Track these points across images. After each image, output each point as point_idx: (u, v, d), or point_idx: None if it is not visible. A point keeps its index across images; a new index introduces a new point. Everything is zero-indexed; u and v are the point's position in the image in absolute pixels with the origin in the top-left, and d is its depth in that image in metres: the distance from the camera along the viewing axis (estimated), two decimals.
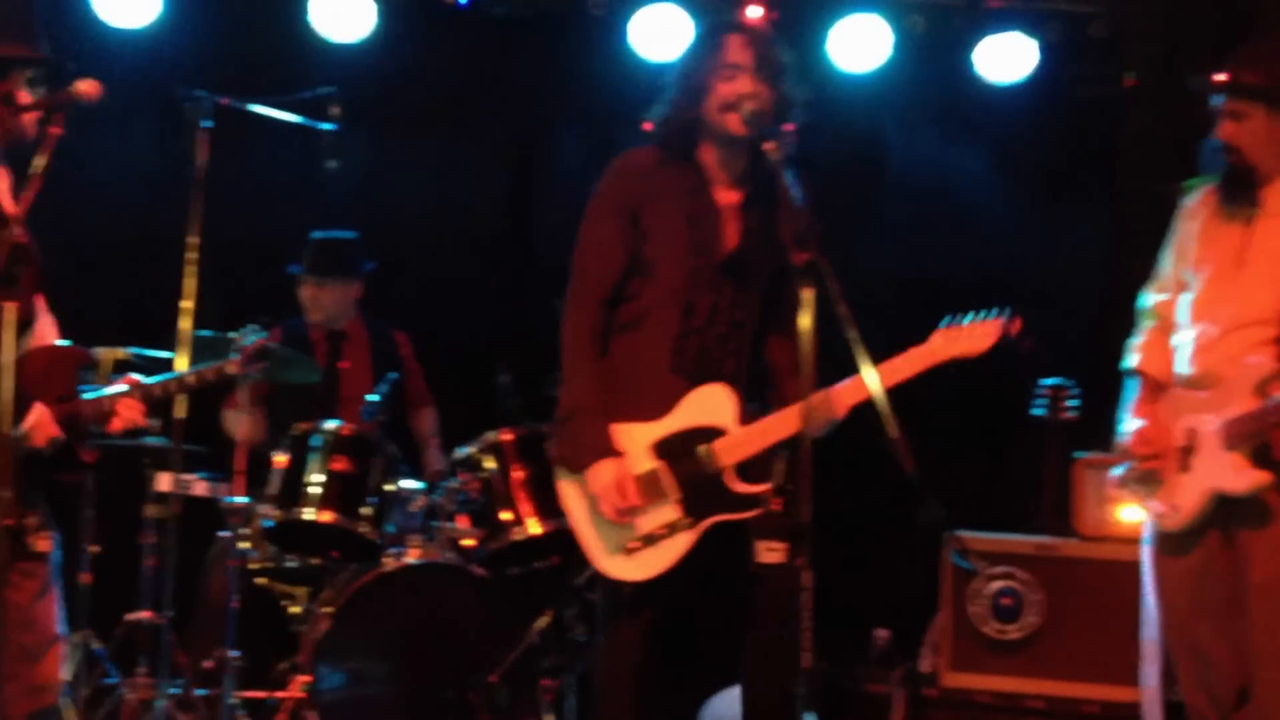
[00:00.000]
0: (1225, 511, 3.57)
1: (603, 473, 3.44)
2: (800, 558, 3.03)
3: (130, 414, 3.43)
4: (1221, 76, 3.60)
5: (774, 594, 3.37)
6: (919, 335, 3.48)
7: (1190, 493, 3.59)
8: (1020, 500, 4.46)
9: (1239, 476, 3.51)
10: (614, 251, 3.55)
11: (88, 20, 5.55)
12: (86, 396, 3.40)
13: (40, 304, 3.42)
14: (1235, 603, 3.59)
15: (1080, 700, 4.77)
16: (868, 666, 5.11)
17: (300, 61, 5.73)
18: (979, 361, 3.51)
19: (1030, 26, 5.93)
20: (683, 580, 3.49)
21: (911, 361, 3.39)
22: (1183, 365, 3.67)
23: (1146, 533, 3.77)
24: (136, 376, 3.56)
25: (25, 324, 3.30)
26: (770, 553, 3.39)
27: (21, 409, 3.17)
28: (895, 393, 3.17)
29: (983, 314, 3.43)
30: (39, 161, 3.02)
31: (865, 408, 3.21)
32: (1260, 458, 3.51)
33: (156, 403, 3.54)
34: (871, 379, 3.14)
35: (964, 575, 4.95)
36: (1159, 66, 5.78)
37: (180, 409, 4.45)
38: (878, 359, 3.22)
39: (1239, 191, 3.63)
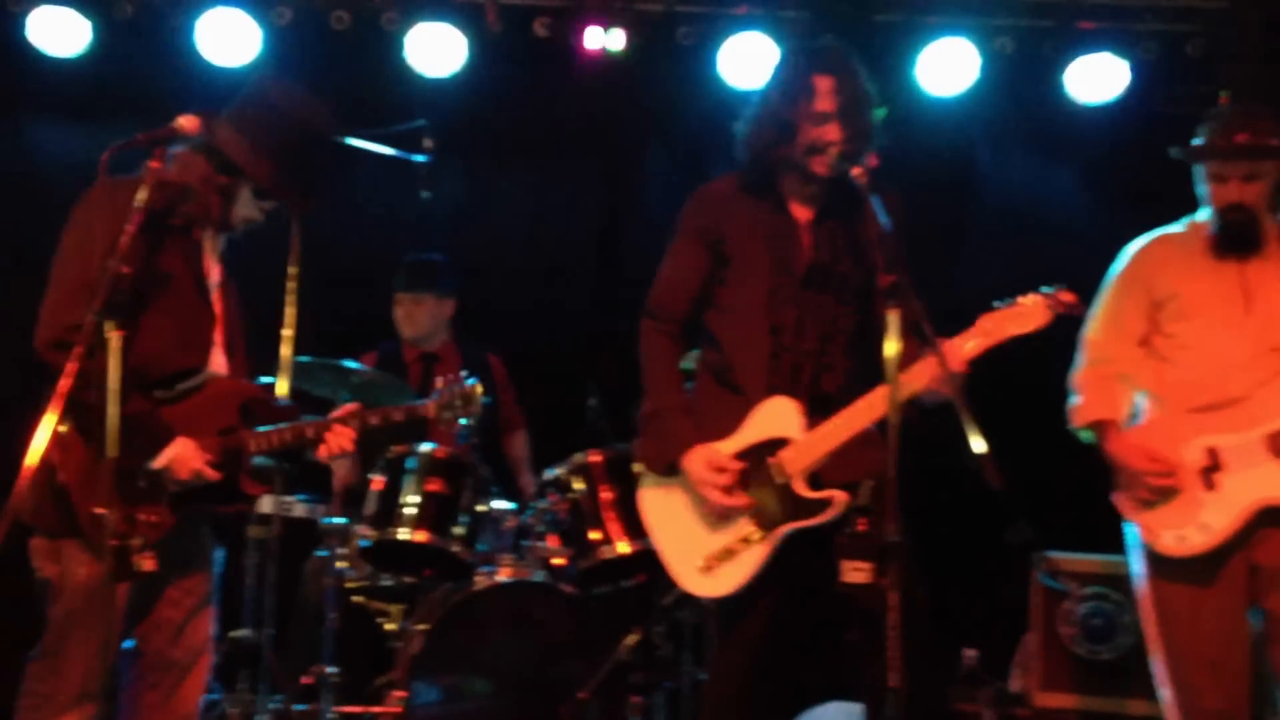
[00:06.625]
0: (1253, 526, 3.57)
1: (695, 459, 3.48)
2: (886, 577, 2.99)
3: (339, 440, 3.49)
4: (1264, 141, 3.65)
5: (880, 614, 3.20)
6: (1009, 357, 3.44)
7: (1227, 509, 3.58)
8: (1111, 520, 4.40)
9: None
10: (689, 276, 3.62)
11: (192, 59, 5.72)
12: (303, 421, 3.48)
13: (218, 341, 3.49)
14: (1244, 622, 3.63)
15: None
16: (957, 686, 5.09)
17: (395, 95, 5.84)
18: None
19: (1122, 46, 5.87)
20: (783, 594, 3.51)
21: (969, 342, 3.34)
22: (1194, 393, 3.68)
23: (1140, 564, 3.72)
24: (352, 404, 3.62)
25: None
26: (856, 572, 3.31)
27: (159, 445, 3.25)
28: (986, 414, 3.08)
29: (1033, 292, 3.39)
30: (140, 195, 3.11)
31: (955, 429, 3.13)
32: None
33: (369, 431, 3.56)
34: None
35: (1055, 595, 4.92)
36: (1254, 85, 5.70)
37: None
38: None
39: (1243, 241, 3.70)
